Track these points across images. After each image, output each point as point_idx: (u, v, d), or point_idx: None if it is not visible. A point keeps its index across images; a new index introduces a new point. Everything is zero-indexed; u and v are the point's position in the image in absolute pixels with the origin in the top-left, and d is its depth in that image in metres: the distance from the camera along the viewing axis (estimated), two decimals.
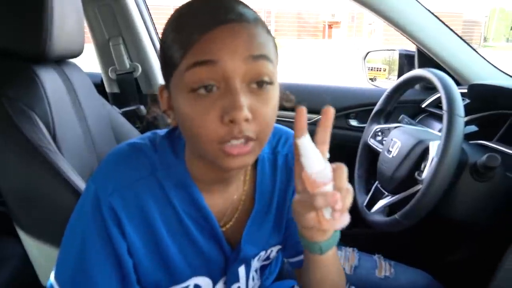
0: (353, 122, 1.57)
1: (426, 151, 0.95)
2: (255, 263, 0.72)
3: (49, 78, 0.89)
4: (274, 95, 0.51)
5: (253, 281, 0.73)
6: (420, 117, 1.43)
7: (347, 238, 1.00)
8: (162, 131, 0.62)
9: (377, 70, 1.71)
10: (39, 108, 0.82)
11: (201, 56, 0.47)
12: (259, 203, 0.66)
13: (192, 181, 0.59)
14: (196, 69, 0.47)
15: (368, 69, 1.71)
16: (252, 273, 0.72)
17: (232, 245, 0.65)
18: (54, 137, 0.84)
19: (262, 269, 0.77)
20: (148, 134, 0.61)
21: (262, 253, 0.71)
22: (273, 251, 0.74)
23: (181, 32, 0.49)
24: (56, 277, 0.58)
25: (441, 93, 0.91)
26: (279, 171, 0.67)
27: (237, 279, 0.68)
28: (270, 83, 0.50)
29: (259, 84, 0.49)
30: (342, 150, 1.55)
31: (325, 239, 0.54)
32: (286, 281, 0.91)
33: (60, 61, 1.00)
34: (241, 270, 0.68)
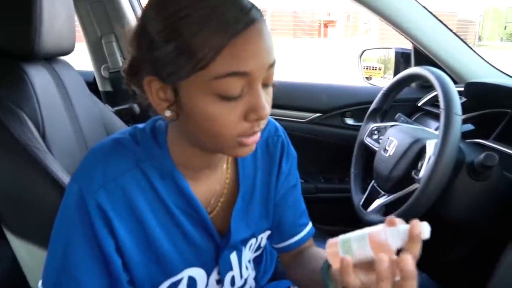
0: (349, 121, 1.56)
1: (423, 150, 0.94)
2: (247, 253, 0.72)
3: (38, 76, 0.87)
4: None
5: (247, 270, 0.72)
6: (417, 115, 1.42)
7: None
8: (141, 125, 0.61)
9: (373, 69, 1.70)
10: (28, 106, 0.80)
11: (235, 66, 0.46)
12: (243, 186, 0.66)
13: (177, 170, 0.58)
14: (230, 79, 0.47)
15: (364, 68, 1.70)
16: (245, 262, 0.71)
17: (221, 232, 0.65)
18: (43, 136, 0.82)
19: (257, 262, 0.78)
20: (128, 129, 0.60)
21: (253, 241, 0.72)
22: (263, 238, 0.74)
23: (207, 29, 0.45)
24: (43, 283, 0.56)
25: (438, 91, 0.90)
26: (259, 155, 0.69)
27: (230, 267, 0.68)
28: None
29: (267, 85, 0.52)
30: (338, 149, 1.56)
31: None
32: (282, 281, 0.90)
33: (51, 59, 0.98)
34: (233, 257, 0.68)
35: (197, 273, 0.64)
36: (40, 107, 0.83)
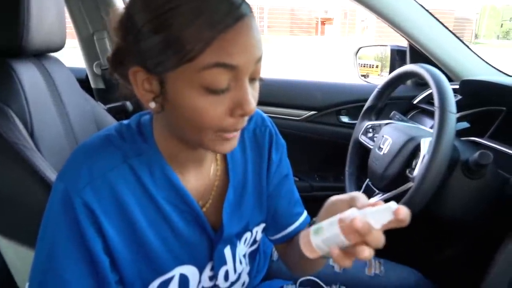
0: (344, 119, 1.55)
1: (417, 148, 0.94)
2: (242, 247, 0.71)
3: (27, 73, 0.86)
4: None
5: (241, 264, 0.71)
6: (412, 113, 1.42)
7: None
8: (126, 121, 0.59)
9: (370, 67, 1.70)
10: (15, 103, 0.79)
11: (223, 58, 0.46)
12: (234, 178, 0.66)
13: (167, 163, 0.57)
14: (216, 70, 0.46)
15: (361, 66, 1.70)
16: (239, 256, 0.71)
17: (214, 227, 0.64)
18: (31, 134, 0.81)
19: (252, 257, 0.77)
20: (113, 125, 0.59)
21: (248, 235, 0.71)
22: (258, 231, 0.73)
23: (197, 22, 0.45)
24: (30, 282, 0.55)
25: (433, 89, 0.89)
26: (248, 146, 0.68)
27: (224, 262, 0.67)
28: None
29: (255, 79, 0.52)
30: (333, 147, 1.55)
31: None
32: (275, 280, 0.89)
33: (40, 56, 0.96)
34: (227, 251, 0.67)
35: (189, 270, 0.63)
36: (28, 104, 0.81)
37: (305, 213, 0.77)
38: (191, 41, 0.45)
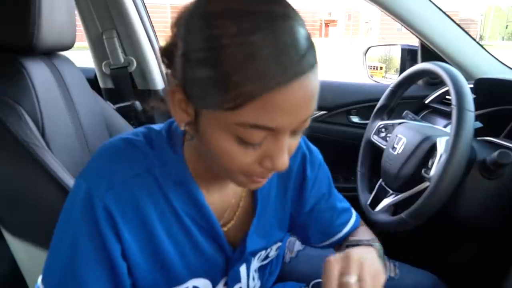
0: (355, 119, 1.53)
1: (433, 148, 0.92)
2: (255, 263, 0.70)
3: (37, 71, 0.85)
4: None
5: (253, 281, 0.71)
6: (424, 113, 1.40)
7: None
8: (157, 126, 0.58)
9: (374, 69, 1.68)
10: (26, 102, 0.78)
11: (263, 120, 0.41)
12: (261, 201, 0.64)
13: (192, 178, 0.55)
14: (252, 131, 0.42)
15: (372, 68, 1.68)
16: (253, 273, 0.70)
17: (232, 244, 0.63)
18: (42, 133, 0.80)
19: (261, 269, 0.76)
20: (141, 129, 0.57)
21: (262, 252, 0.70)
22: (273, 249, 0.72)
23: (246, 71, 0.39)
24: (43, 281, 0.54)
25: (450, 87, 0.87)
26: None
27: (238, 280, 0.66)
28: None
29: (298, 132, 0.48)
30: (343, 147, 1.54)
31: None
32: (288, 283, 0.88)
33: (51, 54, 0.96)
34: (242, 269, 0.66)
35: (202, 283, 0.62)
36: (39, 103, 0.80)
37: (352, 220, 0.77)
38: (234, 90, 0.39)
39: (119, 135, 0.56)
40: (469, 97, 0.84)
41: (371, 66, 1.68)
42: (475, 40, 1.28)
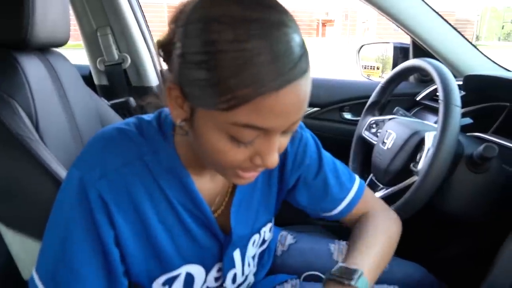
0: (347, 115, 1.55)
1: (421, 142, 0.93)
2: (251, 249, 0.71)
3: (31, 66, 0.86)
4: None
5: (248, 267, 0.72)
6: (415, 110, 1.41)
7: (341, 231, 0.97)
8: (147, 116, 0.59)
9: (371, 68, 1.69)
10: (20, 96, 0.79)
11: (255, 121, 0.43)
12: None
13: (183, 165, 0.56)
14: (244, 130, 0.44)
15: (362, 68, 1.70)
16: (248, 259, 0.71)
17: (224, 230, 0.64)
18: (36, 127, 0.81)
19: (260, 257, 0.77)
20: (132, 119, 0.58)
21: (256, 237, 0.71)
22: (266, 231, 0.73)
23: (241, 75, 0.40)
24: (37, 270, 0.55)
25: (437, 83, 0.89)
26: None
27: (233, 265, 0.67)
28: None
29: (289, 132, 0.50)
30: (336, 144, 1.55)
31: None
32: (279, 275, 0.89)
33: (45, 50, 0.97)
34: (237, 255, 0.67)
35: (196, 270, 0.63)
36: (33, 97, 0.81)
37: (348, 198, 0.75)
38: (229, 93, 0.41)
39: (111, 125, 0.57)
40: (456, 92, 0.85)
41: (368, 66, 1.70)
42: (465, 37, 1.30)
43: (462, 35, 1.31)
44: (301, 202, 0.75)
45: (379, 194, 1.04)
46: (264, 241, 0.74)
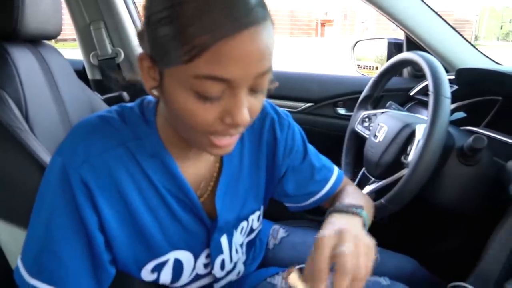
0: (341, 111, 1.55)
1: (412, 135, 0.93)
2: (239, 237, 0.71)
3: (22, 57, 0.86)
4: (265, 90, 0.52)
5: (236, 253, 0.72)
6: (409, 105, 1.41)
7: None
8: (129, 104, 0.59)
9: (370, 68, 1.70)
10: (10, 86, 0.79)
11: (216, 70, 0.43)
12: (228, 168, 0.65)
13: (166, 150, 0.57)
14: (206, 82, 0.44)
15: (361, 68, 1.70)
16: (236, 246, 0.71)
17: (211, 215, 0.64)
18: (26, 118, 0.81)
19: (249, 246, 0.77)
20: (114, 107, 0.59)
21: (244, 224, 0.71)
22: (254, 219, 0.73)
23: (199, 23, 0.42)
24: (22, 257, 0.55)
25: (427, 75, 0.89)
26: (246, 135, 0.68)
27: (220, 251, 0.67)
28: None
29: (256, 91, 0.50)
30: (329, 139, 1.55)
31: None
32: (270, 268, 0.89)
33: (36, 42, 0.96)
34: (224, 240, 0.67)
35: (184, 256, 0.63)
36: (23, 88, 0.81)
37: (333, 176, 0.79)
38: (189, 42, 0.42)
39: (94, 113, 0.57)
40: (446, 84, 0.85)
41: (367, 66, 1.70)
42: (458, 32, 1.31)
43: (455, 29, 1.31)
44: (288, 190, 0.76)
45: (371, 187, 1.04)
46: (252, 230, 0.74)
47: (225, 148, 0.52)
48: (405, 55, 1.05)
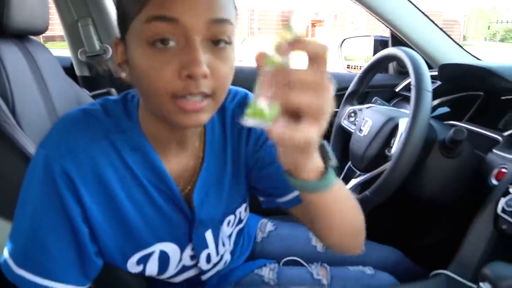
0: None
1: (396, 128, 0.96)
2: (227, 229, 0.71)
3: (8, 53, 0.85)
4: (231, 54, 0.51)
5: (223, 247, 0.72)
6: (394, 101, 1.44)
7: None
8: (113, 97, 0.60)
9: (360, 69, 1.72)
10: None
11: (160, 11, 0.45)
12: (209, 161, 0.64)
13: (149, 143, 0.57)
14: (155, 24, 0.45)
15: (352, 68, 1.73)
16: (223, 239, 0.71)
17: (193, 209, 0.64)
18: (13, 112, 0.80)
19: (238, 235, 0.77)
20: (98, 100, 0.59)
21: (231, 218, 0.71)
22: (241, 211, 0.73)
23: None
24: (8, 249, 0.55)
25: (409, 69, 0.91)
26: (229, 128, 0.67)
27: (205, 246, 0.67)
28: (229, 42, 0.49)
29: (218, 42, 0.48)
30: None
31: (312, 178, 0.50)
32: (258, 260, 0.90)
33: (23, 38, 0.96)
34: (209, 235, 0.67)
35: (170, 248, 0.64)
36: (10, 82, 0.81)
37: None
38: None
39: (78, 107, 0.58)
40: (427, 78, 0.88)
41: (357, 66, 1.72)
42: (441, 28, 1.33)
43: (438, 26, 1.34)
44: (259, 184, 0.71)
45: (356, 180, 1.06)
46: (240, 220, 0.74)
47: (194, 116, 0.49)
48: (389, 50, 1.07)
